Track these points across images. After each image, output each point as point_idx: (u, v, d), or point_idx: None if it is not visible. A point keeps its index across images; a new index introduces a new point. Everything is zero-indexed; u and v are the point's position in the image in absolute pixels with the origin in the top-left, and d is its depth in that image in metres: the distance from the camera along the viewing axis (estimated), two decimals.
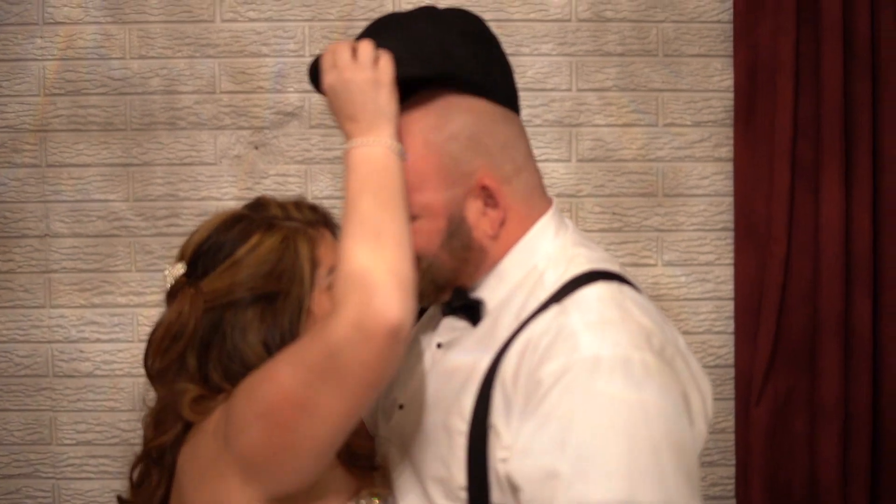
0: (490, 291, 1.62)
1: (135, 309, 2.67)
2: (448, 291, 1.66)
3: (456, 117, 1.56)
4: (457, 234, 1.58)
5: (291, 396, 1.37)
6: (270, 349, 1.53)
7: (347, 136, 1.49)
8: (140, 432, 2.43)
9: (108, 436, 2.68)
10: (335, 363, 1.33)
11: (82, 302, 2.68)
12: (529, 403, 1.44)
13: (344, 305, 1.33)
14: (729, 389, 2.72)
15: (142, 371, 2.53)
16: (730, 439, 2.72)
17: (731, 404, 2.72)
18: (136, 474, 1.66)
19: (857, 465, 2.60)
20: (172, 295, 1.62)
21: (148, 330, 2.54)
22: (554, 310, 1.50)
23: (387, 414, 1.76)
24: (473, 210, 1.57)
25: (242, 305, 1.56)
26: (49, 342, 2.68)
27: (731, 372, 2.71)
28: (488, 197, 1.56)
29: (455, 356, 1.64)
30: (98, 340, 2.68)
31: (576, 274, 1.54)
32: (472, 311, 1.64)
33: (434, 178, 1.56)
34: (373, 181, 1.44)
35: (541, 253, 1.60)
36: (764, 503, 2.63)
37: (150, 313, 2.64)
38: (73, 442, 2.69)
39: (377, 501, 1.60)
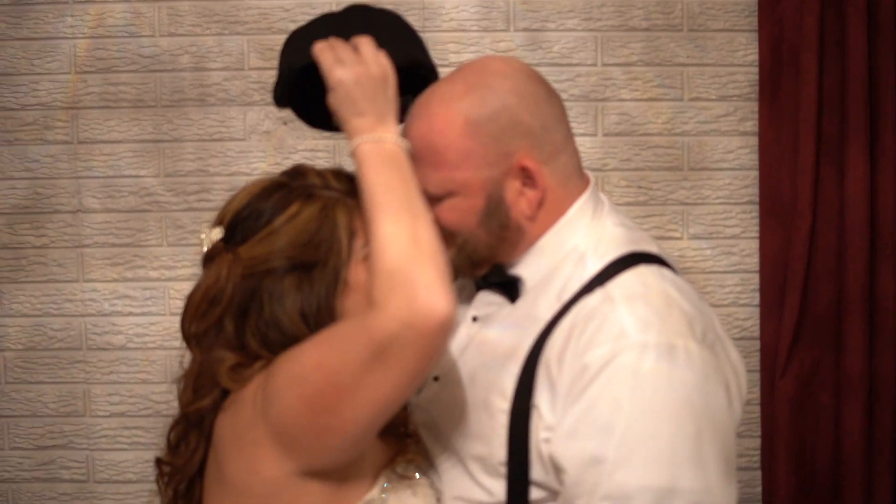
0: (529, 269, 1.63)
1: (166, 283, 2.73)
2: (485, 267, 1.67)
3: (498, 97, 1.56)
4: (495, 213, 1.59)
5: (339, 383, 1.39)
6: (307, 318, 1.55)
7: (354, 132, 1.50)
8: (172, 403, 2.49)
9: (140, 407, 2.75)
10: (385, 356, 1.36)
11: (115, 276, 2.74)
12: (575, 387, 1.46)
13: (389, 300, 1.35)
14: (754, 362, 2.75)
15: (174, 344, 2.59)
16: (755, 411, 2.76)
17: (757, 376, 2.75)
18: (173, 436, 1.68)
19: (882, 439, 2.64)
20: (209, 259, 1.63)
21: (180, 303, 2.58)
22: (598, 294, 1.52)
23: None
24: (512, 190, 1.58)
25: (279, 274, 1.57)
26: (82, 316, 2.75)
27: (757, 344, 2.75)
28: (527, 178, 1.57)
29: (493, 332, 1.65)
30: (130, 314, 2.74)
31: (617, 256, 1.56)
32: (509, 288, 1.65)
33: (473, 157, 1.56)
34: (394, 174, 1.46)
35: (580, 233, 1.62)
36: (789, 475, 2.67)
37: (182, 287, 2.69)
38: (107, 413, 2.76)
39: (413, 469, 1.63)
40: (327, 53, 1.53)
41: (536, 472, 1.51)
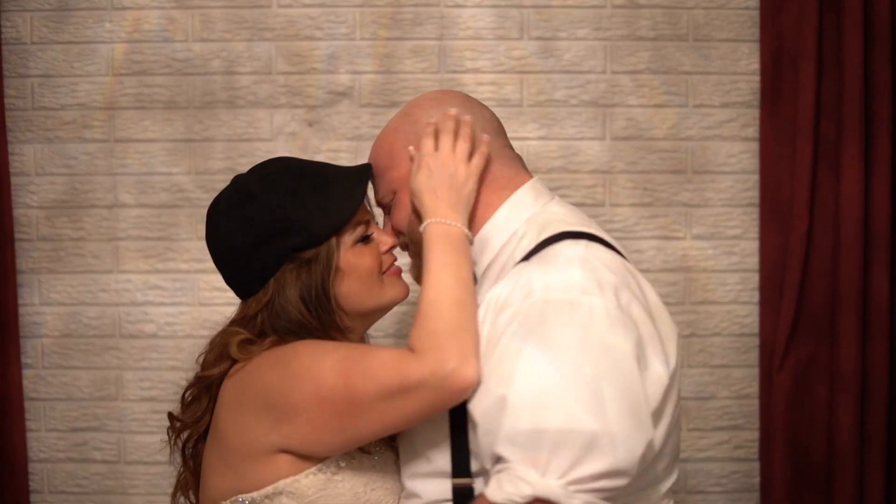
0: (477, 257, 1.78)
1: (196, 275, 2.81)
2: None
3: (422, 108, 1.85)
4: None
5: (355, 399, 1.59)
6: (307, 304, 1.75)
7: (429, 213, 1.70)
8: None
9: (170, 393, 2.82)
10: (406, 394, 1.57)
11: (147, 268, 2.82)
12: (489, 346, 1.59)
13: (429, 354, 1.56)
14: (753, 357, 2.84)
15: (202, 332, 2.73)
16: (754, 405, 2.84)
17: (756, 371, 2.83)
18: (188, 394, 1.90)
19: (874, 431, 2.69)
20: None
21: (208, 294, 2.74)
22: (522, 267, 1.64)
23: None
24: None
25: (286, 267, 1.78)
26: (116, 305, 2.83)
27: (756, 340, 2.83)
28: None
29: None
30: (162, 304, 2.83)
31: (549, 235, 1.69)
32: None
33: (402, 153, 1.82)
34: (455, 255, 1.66)
35: (522, 219, 1.76)
36: (785, 466, 2.74)
37: (210, 279, 2.78)
38: (138, 398, 2.84)
39: (375, 447, 1.81)
40: (430, 141, 1.76)
41: (472, 441, 1.62)
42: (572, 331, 1.53)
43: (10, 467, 2.77)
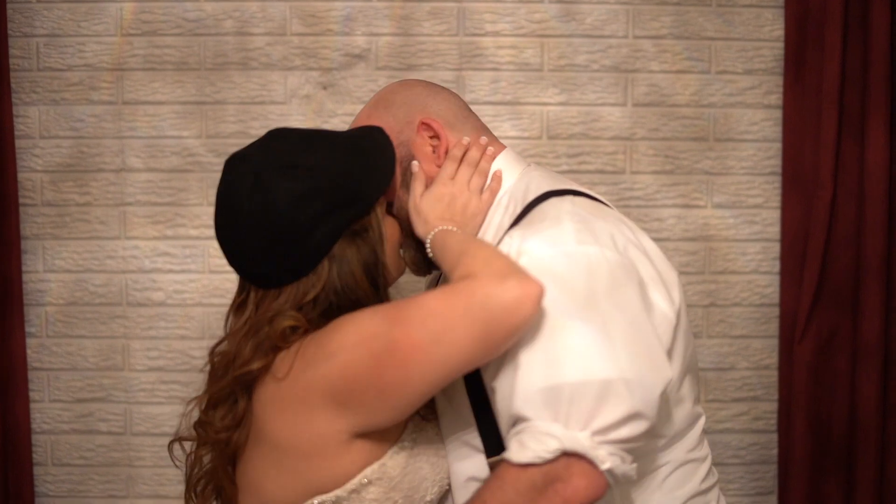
0: None
1: (206, 241, 2.75)
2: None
3: (398, 91, 1.88)
4: (406, 171, 1.82)
5: (413, 341, 1.45)
6: (371, 278, 1.62)
7: (437, 223, 1.72)
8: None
9: (178, 362, 2.77)
10: (466, 315, 1.43)
11: (155, 234, 2.76)
12: None
13: (485, 270, 1.45)
14: (773, 327, 2.80)
15: (212, 301, 2.66)
16: (773, 376, 2.81)
17: (776, 342, 2.80)
18: (218, 397, 1.65)
19: None
20: None
21: (218, 262, 2.67)
22: (512, 233, 1.62)
23: None
24: (419, 147, 1.83)
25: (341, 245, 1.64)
26: (123, 272, 2.77)
27: (776, 311, 2.80)
28: (429, 130, 1.82)
29: None
30: (170, 271, 2.76)
31: (534, 198, 1.70)
32: None
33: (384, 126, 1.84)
34: (464, 236, 1.65)
35: (510, 181, 1.80)
36: (805, 438, 2.71)
37: None
38: (145, 368, 2.78)
39: (430, 414, 1.74)
40: (452, 166, 1.78)
41: (495, 410, 1.59)
42: (572, 283, 1.51)
43: (13, 439, 2.71)
